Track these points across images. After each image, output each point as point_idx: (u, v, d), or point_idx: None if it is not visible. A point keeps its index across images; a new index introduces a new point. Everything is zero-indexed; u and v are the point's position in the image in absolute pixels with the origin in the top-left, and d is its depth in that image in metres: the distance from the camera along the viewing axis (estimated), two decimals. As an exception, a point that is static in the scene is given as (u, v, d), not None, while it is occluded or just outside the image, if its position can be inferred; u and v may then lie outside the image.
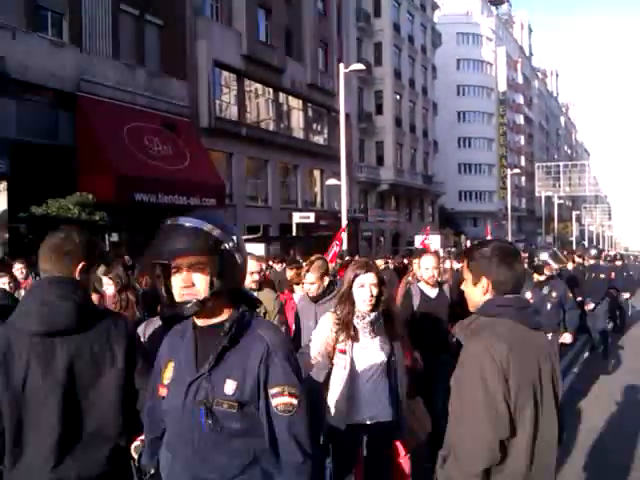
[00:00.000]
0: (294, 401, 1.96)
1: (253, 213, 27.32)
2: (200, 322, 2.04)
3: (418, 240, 30.72)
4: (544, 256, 6.32)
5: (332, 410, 3.60)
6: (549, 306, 6.24)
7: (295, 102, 31.64)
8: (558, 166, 70.14)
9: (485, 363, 2.10)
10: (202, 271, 1.94)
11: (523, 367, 2.13)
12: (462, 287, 2.47)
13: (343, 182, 21.18)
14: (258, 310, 2.12)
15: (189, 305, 1.93)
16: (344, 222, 20.97)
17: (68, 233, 2.44)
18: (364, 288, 3.57)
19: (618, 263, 12.90)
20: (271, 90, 29.54)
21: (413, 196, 46.28)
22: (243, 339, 1.99)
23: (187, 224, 1.94)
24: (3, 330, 2.32)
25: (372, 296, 3.55)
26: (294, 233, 26.25)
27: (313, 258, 5.00)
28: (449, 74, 59.67)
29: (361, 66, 23.22)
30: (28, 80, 16.83)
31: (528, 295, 6.04)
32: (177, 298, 1.95)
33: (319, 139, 34.11)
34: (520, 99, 77.33)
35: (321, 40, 32.92)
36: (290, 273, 7.86)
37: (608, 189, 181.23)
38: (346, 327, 3.57)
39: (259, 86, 28.81)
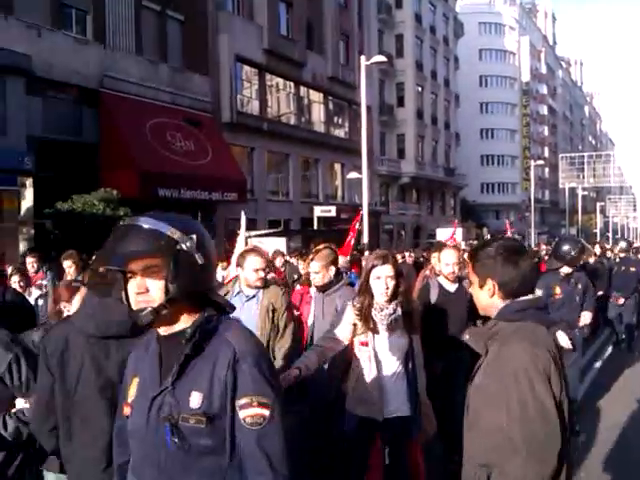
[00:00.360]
0: (265, 412, 1.75)
1: (274, 207, 27.45)
2: (162, 331, 1.84)
3: (442, 233, 30.64)
4: (567, 248, 6.10)
5: (362, 403, 3.59)
6: (577, 299, 6.16)
7: (316, 96, 31.64)
8: (582, 157, 69.22)
9: (532, 373, 2.02)
10: (156, 275, 1.74)
11: (555, 369, 2.09)
12: (470, 290, 2.45)
13: (364, 175, 21.16)
14: (233, 314, 1.92)
15: (144, 313, 1.74)
16: (365, 215, 20.99)
17: None
18: (380, 280, 3.56)
19: None
20: (292, 84, 29.57)
21: (434, 189, 46.04)
22: (208, 346, 1.79)
23: (138, 224, 1.77)
24: (62, 330, 2.40)
25: (388, 288, 3.54)
26: (315, 227, 26.32)
27: (320, 247, 4.89)
28: (471, 65, 59.01)
29: (382, 58, 23.08)
30: (53, 78, 17.12)
31: (557, 290, 6.05)
32: (133, 306, 1.77)
33: (340, 132, 34.09)
34: (544, 89, 76.31)
35: (342, 33, 32.84)
36: (303, 265, 7.89)
37: (633, 179, 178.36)
38: (365, 319, 3.57)
39: (280, 80, 28.86)
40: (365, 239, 20.06)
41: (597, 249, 12.18)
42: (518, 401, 2.01)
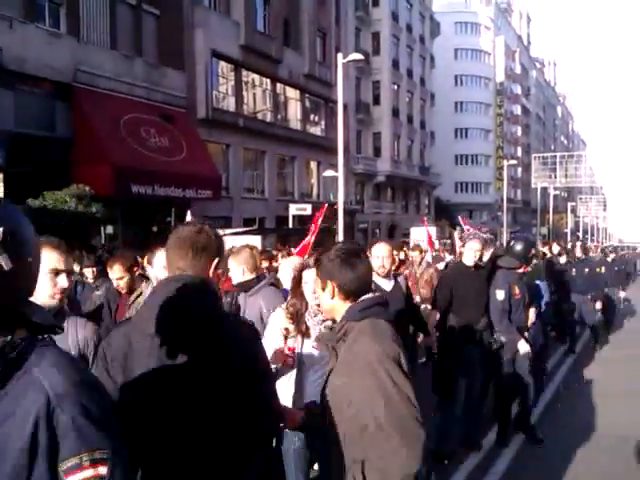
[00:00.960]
0: (102, 470, 1.27)
1: (249, 205, 27.36)
2: None
3: (416, 232, 30.81)
4: (520, 248, 5.91)
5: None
6: (526, 298, 6.10)
7: (292, 93, 31.57)
8: (554, 157, 70.19)
9: (386, 363, 2.11)
10: None
11: (403, 357, 2.20)
12: (315, 294, 2.49)
13: (340, 174, 21.18)
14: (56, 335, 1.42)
15: None
16: (340, 214, 21.03)
17: (202, 227, 2.20)
18: (307, 285, 3.42)
19: (606, 258, 13.03)
20: (268, 81, 29.46)
21: (409, 187, 46.32)
22: (10, 386, 1.27)
23: None
24: (125, 330, 2.23)
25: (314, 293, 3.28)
26: (290, 225, 26.30)
27: (238, 247, 4.75)
28: (447, 64, 59.54)
29: (359, 56, 23.07)
30: (25, 71, 16.82)
31: (516, 290, 5.80)
32: None
33: (316, 130, 34.07)
34: (518, 89, 77.20)
35: (319, 30, 32.80)
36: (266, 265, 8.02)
37: (604, 180, 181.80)
38: (297, 322, 3.42)
39: (256, 77, 28.74)
40: (340, 237, 20.11)
41: (555, 248, 12.05)
42: (379, 389, 2.08)
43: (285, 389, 3.32)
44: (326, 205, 12.92)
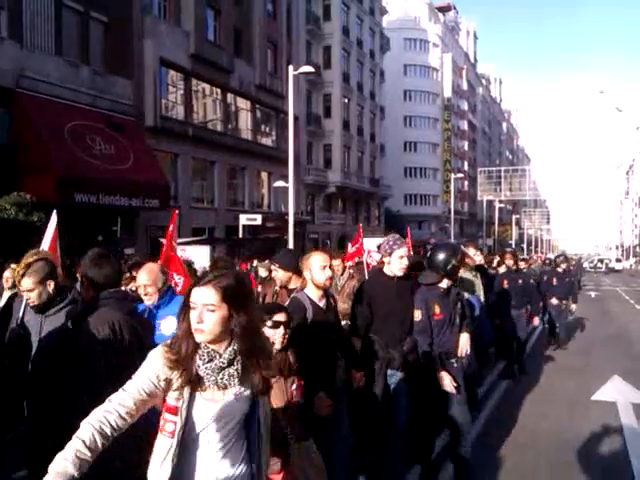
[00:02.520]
0: None
1: (199, 215, 27.04)
2: None
3: (367, 243, 30.97)
4: (444, 257, 4.81)
5: None
6: (457, 320, 5.00)
7: (243, 103, 31.46)
8: (500, 171, 72.19)
9: (104, 332, 3.24)
10: None
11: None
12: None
13: (291, 184, 21.18)
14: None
15: None
16: (291, 224, 20.99)
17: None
18: (195, 310, 2.23)
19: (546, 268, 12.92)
20: (219, 90, 29.29)
21: (360, 199, 46.68)
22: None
23: None
24: None
25: (200, 323, 2.21)
26: (240, 235, 26.10)
27: (31, 259, 3.75)
28: (396, 79, 60.57)
29: (310, 69, 23.23)
30: (-36, 75, 16.22)
31: (437, 309, 4.80)
32: None
33: (267, 141, 34.01)
34: (465, 105, 79.05)
35: (270, 42, 32.84)
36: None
37: (547, 193, 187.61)
38: (183, 370, 2.22)
39: (207, 86, 28.54)
40: (290, 243, 20.07)
41: (509, 261, 10.48)
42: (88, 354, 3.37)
43: (157, 470, 2.24)
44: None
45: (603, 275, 52.11)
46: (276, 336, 3.25)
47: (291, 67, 22.03)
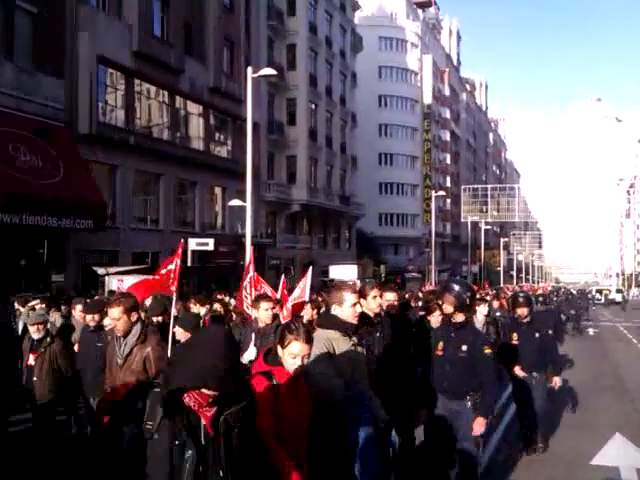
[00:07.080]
0: None
1: (141, 237, 26.65)
2: None
3: (337, 271, 30.74)
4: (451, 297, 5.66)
5: None
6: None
7: (194, 108, 31.32)
8: (486, 189, 73.18)
9: None
10: None
11: None
12: None
13: (248, 202, 21.04)
14: None
15: None
16: (248, 249, 20.78)
17: None
18: None
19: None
20: (166, 93, 29.10)
21: (328, 219, 46.74)
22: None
23: None
24: None
25: None
26: (189, 262, 25.75)
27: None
28: (370, 83, 61.17)
29: (272, 71, 23.29)
30: None
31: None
32: None
33: (222, 151, 33.88)
34: (447, 113, 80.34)
35: (227, 39, 32.88)
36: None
37: (539, 214, 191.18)
38: None
39: (152, 88, 28.33)
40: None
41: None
42: None
43: None
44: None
45: (602, 308, 52.27)
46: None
47: (250, 68, 22.04)
